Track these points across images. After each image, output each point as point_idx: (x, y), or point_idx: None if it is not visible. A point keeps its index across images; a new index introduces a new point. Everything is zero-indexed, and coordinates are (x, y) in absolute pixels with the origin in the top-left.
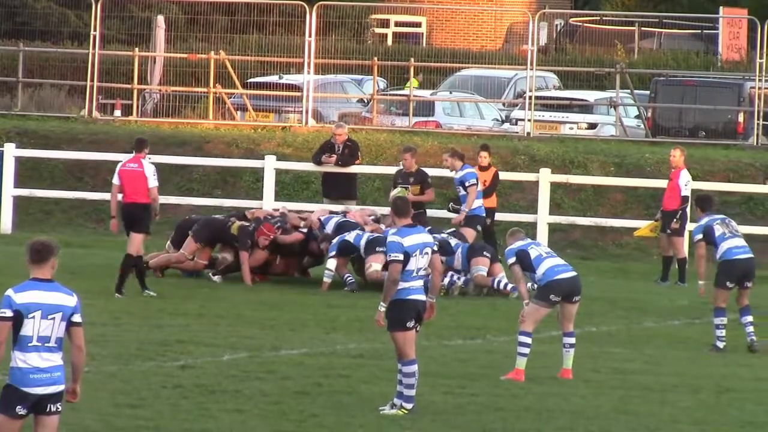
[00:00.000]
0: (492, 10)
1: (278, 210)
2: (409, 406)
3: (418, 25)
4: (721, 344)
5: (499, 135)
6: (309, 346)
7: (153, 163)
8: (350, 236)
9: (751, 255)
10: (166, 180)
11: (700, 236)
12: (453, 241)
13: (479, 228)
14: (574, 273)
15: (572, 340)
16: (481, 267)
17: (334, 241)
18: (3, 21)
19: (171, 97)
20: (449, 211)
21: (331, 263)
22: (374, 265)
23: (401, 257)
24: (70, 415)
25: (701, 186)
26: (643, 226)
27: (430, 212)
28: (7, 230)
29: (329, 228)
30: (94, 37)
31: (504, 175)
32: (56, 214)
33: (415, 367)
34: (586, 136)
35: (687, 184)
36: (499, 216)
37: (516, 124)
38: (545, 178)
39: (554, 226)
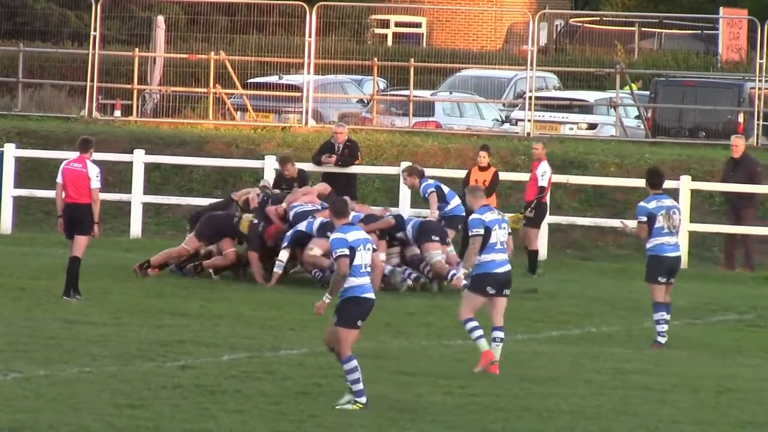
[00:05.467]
0: (492, 11)
1: (263, 185)
2: (363, 399)
3: (418, 25)
4: (662, 339)
5: (499, 135)
6: (309, 346)
7: (154, 163)
8: (302, 226)
9: (679, 253)
10: (166, 180)
11: (645, 219)
12: (405, 215)
13: (459, 228)
14: (509, 267)
15: (501, 334)
16: (434, 253)
17: (288, 233)
18: (3, 21)
19: (171, 97)
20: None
21: (283, 255)
22: (316, 249)
23: (347, 252)
24: (70, 414)
25: (702, 186)
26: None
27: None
28: (7, 230)
29: (291, 215)
30: (94, 37)
31: (504, 176)
32: (56, 214)
33: (355, 362)
34: (586, 137)
35: (544, 174)
36: None
37: (516, 124)
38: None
39: (554, 226)
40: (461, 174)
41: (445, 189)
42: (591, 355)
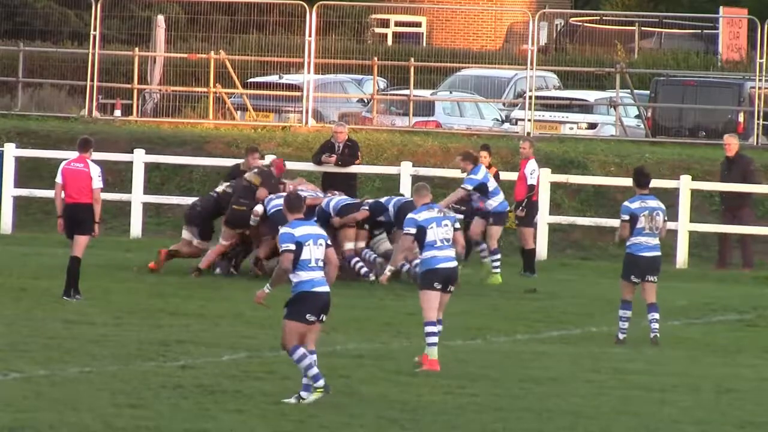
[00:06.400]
0: (492, 10)
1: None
2: (321, 383)
3: (418, 25)
4: (621, 335)
5: (499, 135)
6: None
7: (154, 163)
8: (273, 199)
9: (657, 253)
10: (166, 180)
11: (627, 218)
12: (384, 198)
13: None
14: (453, 264)
15: (440, 327)
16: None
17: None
18: (3, 21)
19: (171, 96)
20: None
21: (258, 209)
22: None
23: (293, 247)
24: (70, 414)
25: (702, 186)
26: None
27: None
28: (7, 230)
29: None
30: (94, 36)
31: (504, 175)
32: (56, 214)
33: (301, 350)
34: (586, 136)
35: (533, 173)
36: None
37: (516, 124)
38: (545, 178)
39: (554, 226)
40: (462, 174)
41: (491, 185)
42: (591, 355)
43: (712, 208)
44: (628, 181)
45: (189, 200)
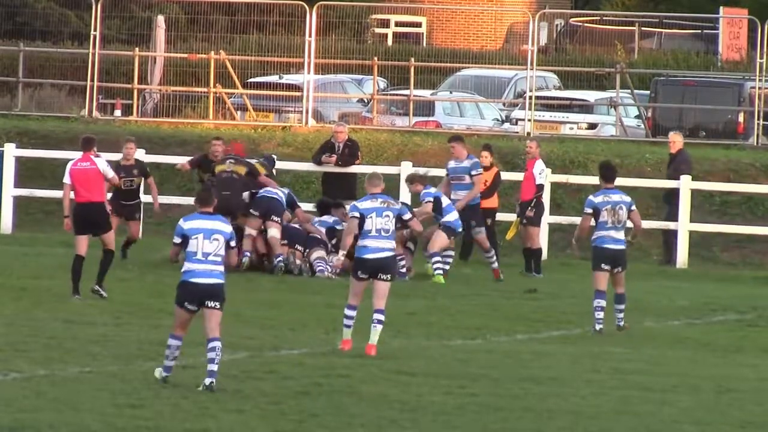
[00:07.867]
0: (492, 10)
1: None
2: (164, 375)
3: (419, 25)
4: (598, 326)
5: (500, 135)
6: (309, 346)
7: (148, 163)
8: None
9: (620, 247)
10: (166, 180)
11: (590, 211)
12: None
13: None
14: (383, 254)
15: (380, 317)
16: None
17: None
18: (3, 21)
19: (171, 97)
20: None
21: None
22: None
23: (178, 240)
24: (70, 414)
25: (702, 186)
26: (511, 229)
27: None
28: (8, 230)
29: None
30: (95, 37)
31: (505, 175)
32: (57, 214)
33: (173, 342)
34: (586, 136)
35: (541, 172)
36: (500, 216)
37: (516, 124)
38: (546, 178)
39: (554, 226)
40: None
41: (445, 201)
42: (591, 354)
43: (712, 208)
44: (627, 181)
45: (189, 200)
